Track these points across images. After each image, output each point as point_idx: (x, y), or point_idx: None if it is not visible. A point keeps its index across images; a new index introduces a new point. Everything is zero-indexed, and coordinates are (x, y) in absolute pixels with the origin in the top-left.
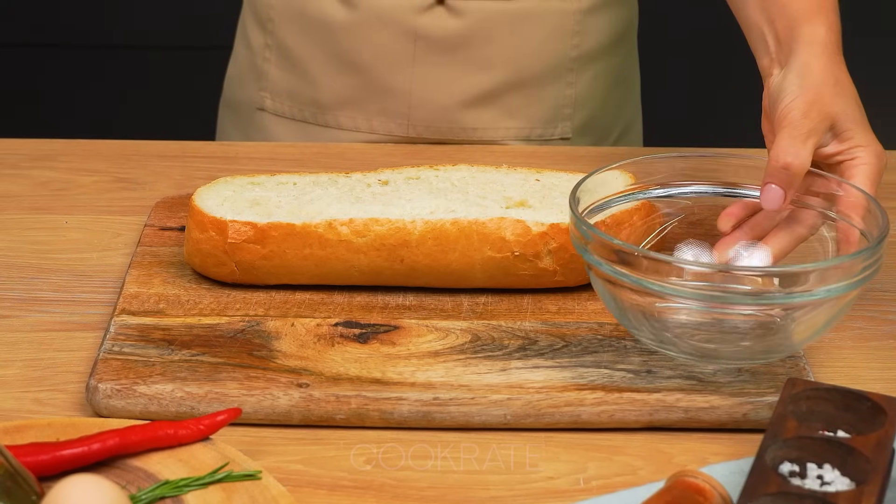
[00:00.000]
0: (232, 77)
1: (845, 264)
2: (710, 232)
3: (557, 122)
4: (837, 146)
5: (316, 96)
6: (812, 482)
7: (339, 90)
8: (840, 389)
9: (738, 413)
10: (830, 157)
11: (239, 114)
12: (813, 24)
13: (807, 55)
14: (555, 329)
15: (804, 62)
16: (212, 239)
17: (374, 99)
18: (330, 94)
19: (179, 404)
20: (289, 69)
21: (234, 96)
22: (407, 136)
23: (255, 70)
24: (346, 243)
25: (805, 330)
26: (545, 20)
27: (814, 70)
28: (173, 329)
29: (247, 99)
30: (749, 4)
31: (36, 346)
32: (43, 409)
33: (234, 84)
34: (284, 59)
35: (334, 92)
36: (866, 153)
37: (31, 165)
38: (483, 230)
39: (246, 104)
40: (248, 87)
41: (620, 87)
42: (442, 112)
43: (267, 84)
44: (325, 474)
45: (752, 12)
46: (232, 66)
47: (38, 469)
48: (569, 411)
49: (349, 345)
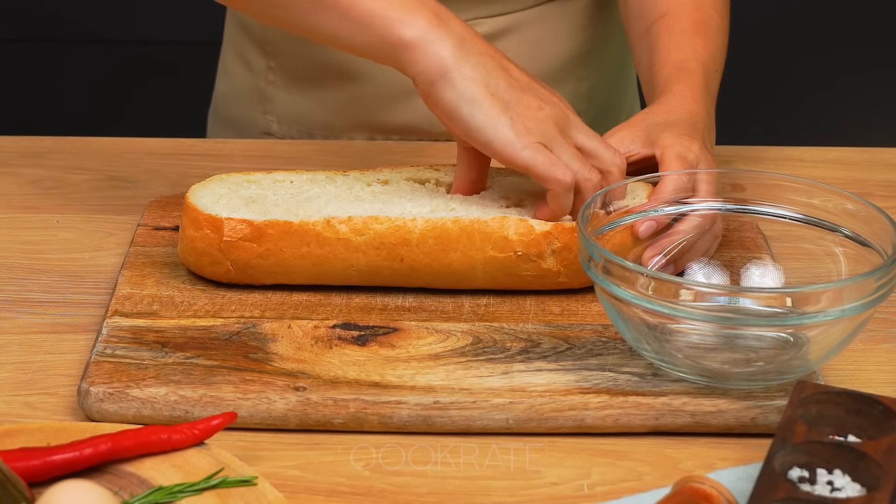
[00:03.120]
0: (226, 94)
1: (859, 283)
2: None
3: None
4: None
5: (326, 119)
6: (822, 488)
7: (349, 107)
8: (851, 393)
9: (746, 417)
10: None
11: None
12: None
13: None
14: (558, 331)
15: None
16: (207, 237)
17: (388, 114)
18: (341, 114)
19: (173, 408)
20: (296, 92)
21: (230, 113)
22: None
23: (258, 92)
24: (344, 242)
25: (819, 350)
26: (555, 20)
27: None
28: (167, 331)
29: (249, 121)
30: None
31: (26, 348)
32: (33, 412)
33: (229, 102)
34: (292, 81)
35: (345, 110)
36: (667, 151)
37: (22, 163)
38: (485, 229)
39: (248, 125)
40: (249, 108)
41: (622, 71)
42: None
43: (273, 107)
44: (323, 480)
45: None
46: (224, 82)
47: (28, 475)
48: (572, 415)
49: (347, 347)
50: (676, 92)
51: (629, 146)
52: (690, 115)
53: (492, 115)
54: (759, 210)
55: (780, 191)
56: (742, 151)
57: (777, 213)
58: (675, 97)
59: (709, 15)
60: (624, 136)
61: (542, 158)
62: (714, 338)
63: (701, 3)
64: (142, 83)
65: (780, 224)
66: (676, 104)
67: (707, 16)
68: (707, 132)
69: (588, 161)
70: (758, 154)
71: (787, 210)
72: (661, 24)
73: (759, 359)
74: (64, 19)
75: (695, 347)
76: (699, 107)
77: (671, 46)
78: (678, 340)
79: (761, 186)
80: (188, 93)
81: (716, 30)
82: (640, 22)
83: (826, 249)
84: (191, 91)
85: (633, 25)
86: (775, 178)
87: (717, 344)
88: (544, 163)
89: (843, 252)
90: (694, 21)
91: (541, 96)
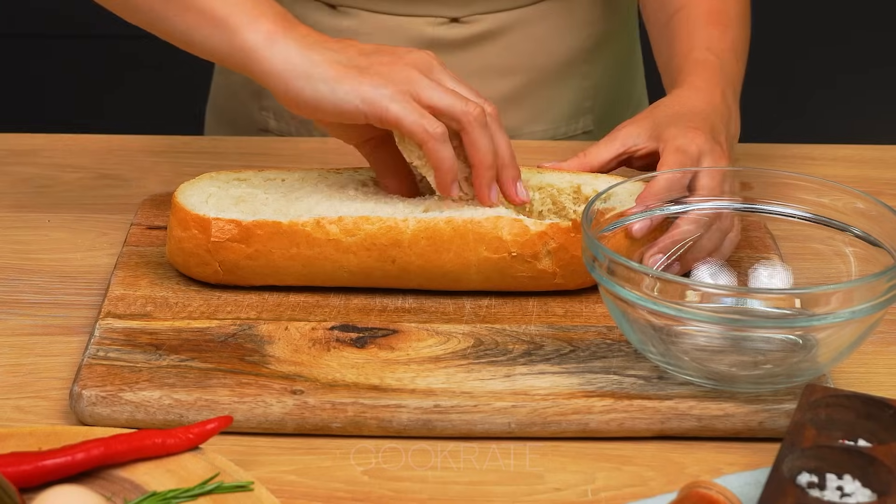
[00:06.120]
0: (222, 89)
1: (870, 284)
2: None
3: (580, 116)
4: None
5: None
6: (832, 494)
7: None
8: (861, 396)
9: (753, 421)
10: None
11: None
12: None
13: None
14: (561, 333)
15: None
16: (194, 237)
17: None
18: None
19: (167, 412)
20: None
21: (227, 109)
22: None
23: (254, 88)
24: (334, 243)
25: (829, 352)
26: (559, 15)
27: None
28: (161, 333)
29: (246, 117)
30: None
31: (17, 350)
32: (24, 416)
33: (226, 97)
34: None
35: None
36: (668, 144)
37: (12, 161)
38: (479, 229)
39: (245, 120)
40: (244, 103)
41: (629, 65)
42: None
43: (269, 103)
44: (321, 485)
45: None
46: (220, 77)
47: (19, 480)
48: (576, 419)
49: (346, 349)
50: (689, 83)
51: (634, 140)
52: (701, 107)
53: (352, 83)
54: (767, 209)
55: (789, 189)
56: (750, 149)
57: (786, 212)
58: (687, 89)
59: (727, 5)
60: (630, 131)
61: (410, 112)
62: (721, 340)
63: None
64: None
65: (788, 223)
66: (688, 96)
67: (725, 5)
68: (721, 123)
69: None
70: (766, 152)
71: (796, 209)
72: (679, 16)
73: (767, 361)
74: (52, 14)
75: (701, 350)
76: (713, 97)
77: (685, 38)
78: (684, 342)
79: (769, 185)
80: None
81: (735, 18)
82: (660, 15)
83: (836, 249)
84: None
85: (652, 19)
86: (784, 176)
87: (725, 346)
88: (413, 116)
89: (853, 252)
90: (710, 11)
91: (395, 52)
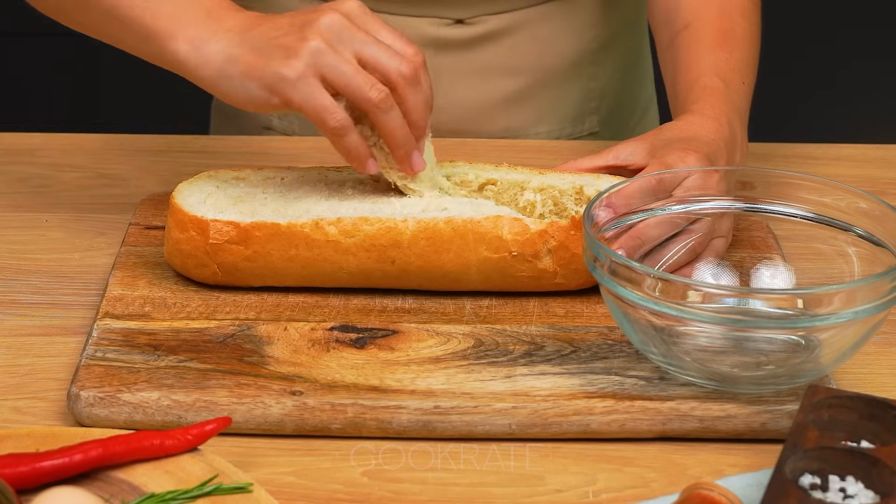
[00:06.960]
0: None
1: (873, 284)
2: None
3: (585, 117)
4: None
5: None
6: (834, 495)
7: None
8: (864, 397)
9: (755, 422)
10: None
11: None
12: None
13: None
14: (562, 333)
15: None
16: (192, 239)
17: None
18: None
19: (166, 413)
20: None
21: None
22: None
23: None
24: (333, 244)
25: (831, 353)
26: (562, 17)
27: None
28: (159, 333)
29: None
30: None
31: (14, 351)
32: (22, 417)
33: None
34: None
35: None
36: (655, 160)
37: (9, 160)
38: (478, 229)
39: (249, 117)
40: None
41: (637, 68)
42: (467, 121)
43: None
44: (320, 487)
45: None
46: None
47: (16, 481)
48: (577, 420)
49: (345, 350)
50: (695, 110)
51: (630, 155)
52: (706, 135)
53: (259, 74)
54: (769, 209)
55: (791, 189)
56: (752, 148)
57: (788, 211)
58: (693, 115)
59: (734, 22)
60: (628, 146)
61: (310, 99)
62: (723, 340)
63: (727, 10)
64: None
65: (790, 223)
66: (692, 122)
67: (732, 24)
68: (725, 151)
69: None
70: (768, 151)
71: (799, 209)
72: (684, 35)
73: (769, 362)
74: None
75: (703, 350)
76: (720, 126)
77: (692, 62)
78: (686, 343)
79: (772, 184)
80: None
81: (742, 38)
82: (666, 31)
83: (838, 249)
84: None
85: (658, 35)
86: (786, 175)
87: (726, 347)
88: (313, 103)
89: (855, 252)
90: (717, 31)
91: (307, 20)
